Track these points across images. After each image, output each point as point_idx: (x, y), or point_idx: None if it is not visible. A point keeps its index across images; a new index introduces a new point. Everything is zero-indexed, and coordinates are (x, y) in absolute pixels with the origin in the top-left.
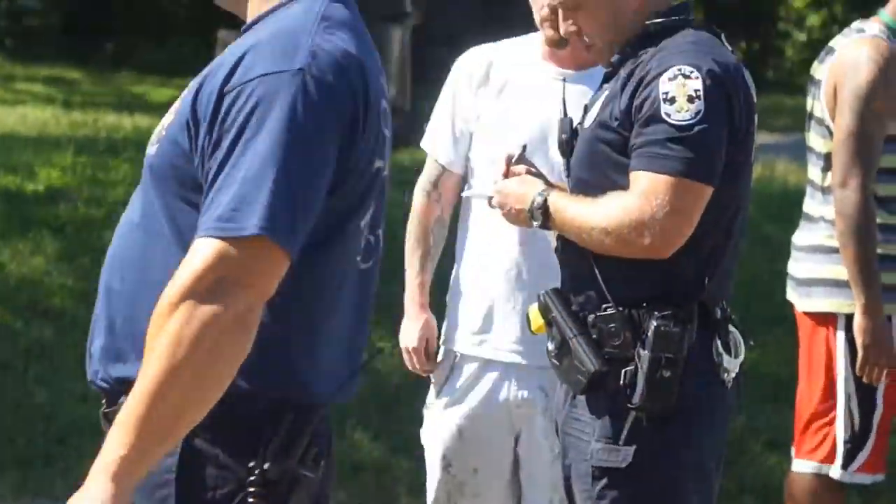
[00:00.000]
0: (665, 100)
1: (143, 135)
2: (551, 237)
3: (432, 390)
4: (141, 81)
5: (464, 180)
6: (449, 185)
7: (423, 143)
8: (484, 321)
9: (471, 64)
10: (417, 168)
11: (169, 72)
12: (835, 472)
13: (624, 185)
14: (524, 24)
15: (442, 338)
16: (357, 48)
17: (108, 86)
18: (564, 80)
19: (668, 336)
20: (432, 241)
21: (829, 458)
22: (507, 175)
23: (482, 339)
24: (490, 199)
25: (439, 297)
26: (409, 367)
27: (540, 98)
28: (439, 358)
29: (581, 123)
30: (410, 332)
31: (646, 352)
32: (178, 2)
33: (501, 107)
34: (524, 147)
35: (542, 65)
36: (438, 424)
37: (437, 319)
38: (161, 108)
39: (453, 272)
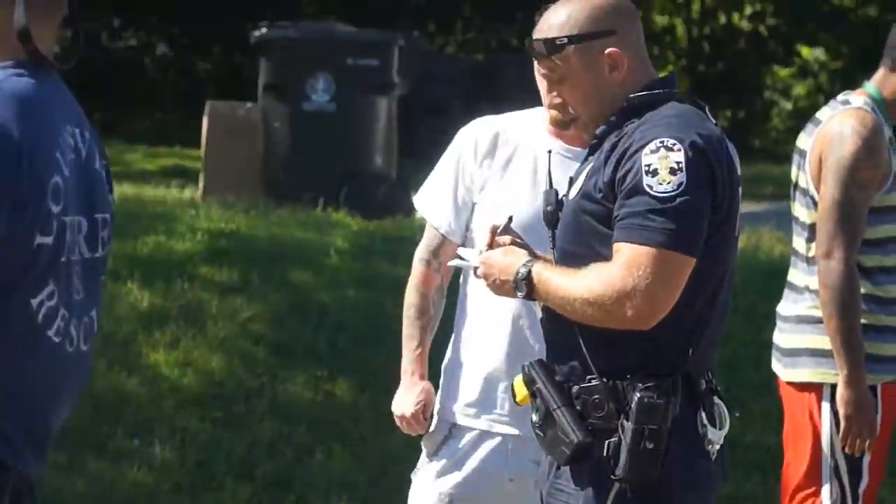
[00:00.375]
0: (647, 172)
1: (130, 204)
2: (537, 308)
3: (423, 455)
4: (128, 151)
5: None
6: (448, 255)
7: (424, 211)
8: (481, 394)
9: (477, 134)
10: (417, 237)
11: (156, 141)
12: None
13: (608, 257)
14: (509, 95)
15: (437, 407)
16: (19, 122)
17: None
18: (550, 151)
19: (651, 407)
20: (433, 311)
21: None
22: (491, 245)
23: (479, 411)
24: (475, 269)
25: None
26: (405, 431)
27: (544, 174)
28: (432, 426)
29: (566, 195)
30: (406, 400)
31: (629, 423)
32: (166, 72)
33: (506, 181)
34: (510, 218)
35: (549, 141)
36: (427, 491)
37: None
38: (148, 178)
39: (451, 341)
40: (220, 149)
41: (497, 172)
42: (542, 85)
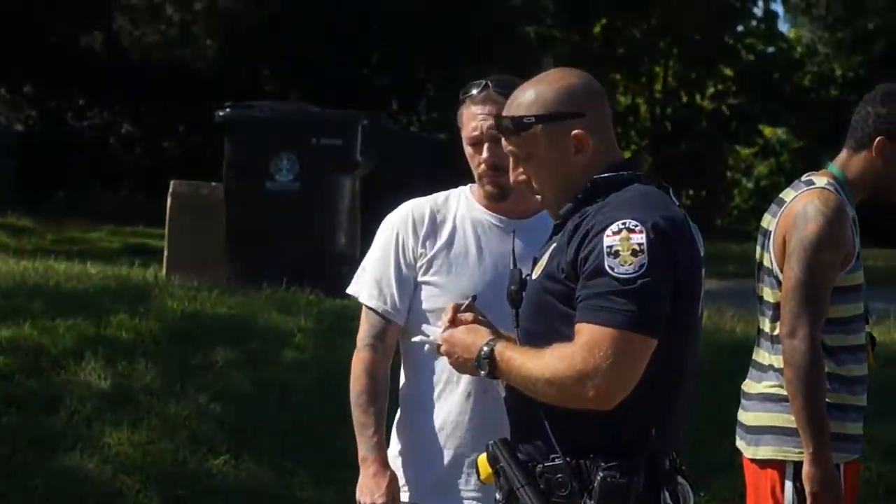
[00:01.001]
0: (609, 253)
1: (94, 282)
2: (500, 387)
3: None
4: (92, 229)
5: (403, 330)
6: (392, 338)
7: (364, 298)
8: (447, 472)
9: (413, 215)
10: None
11: (121, 220)
12: None
13: (571, 337)
14: (472, 174)
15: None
16: None
17: (60, 234)
18: (514, 231)
19: (614, 487)
20: (384, 396)
21: None
22: (453, 322)
23: (445, 491)
24: (438, 347)
25: None
26: None
27: (489, 248)
28: None
29: (530, 275)
30: (375, 488)
31: (592, 503)
32: (131, 150)
33: (452, 259)
34: (474, 297)
35: (487, 214)
36: None
37: None
38: (112, 256)
39: (399, 425)
40: (183, 228)
41: (442, 251)
42: (473, 162)
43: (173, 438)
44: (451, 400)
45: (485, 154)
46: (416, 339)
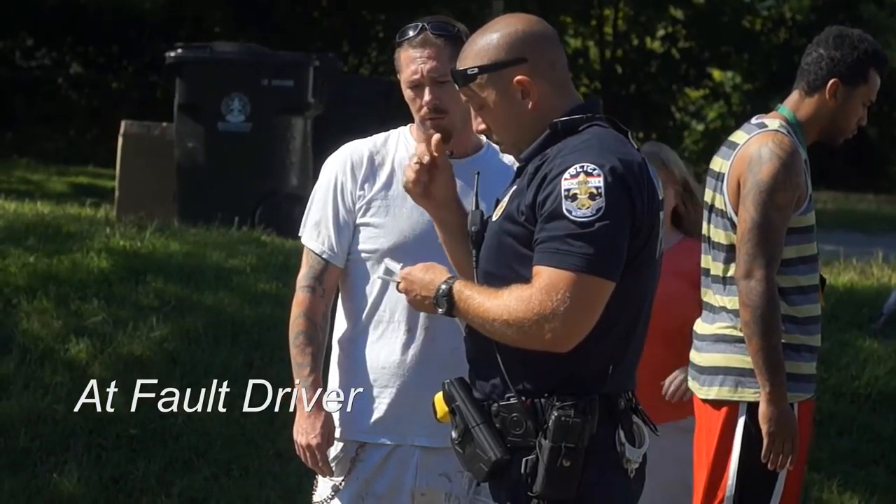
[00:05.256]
0: (567, 196)
1: (45, 222)
2: (460, 324)
3: (324, 486)
4: (42, 170)
5: (344, 272)
6: (332, 280)
7: (306, 239)
8: (388, 409)
9: (352, 158)
10: None
11: (70, 160)
12: None
13: (529, 279)
14: None
15: (337, 431)
16: None
17: (9, 174)
18: (478, 173)
19: (568, 426)
20: (321, 337)
21: None
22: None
23: (387, 427)
24: (398, 284)
25: None
26: (311, 466)
27: None
28: (335, 451)
29: (491, 216)
30: (310, 429)
31: (547, 441)
32: (80, 91)
33: (391, 200)
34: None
35: None
36: None
37: None
38: (61, 196)
39: (339, 361)
40: (134, 168)
41: (380, 193)
42: (414, 106)
43: (126, 378)
44: (393, 340)
45: (427, 97)
46: (379, 276)
